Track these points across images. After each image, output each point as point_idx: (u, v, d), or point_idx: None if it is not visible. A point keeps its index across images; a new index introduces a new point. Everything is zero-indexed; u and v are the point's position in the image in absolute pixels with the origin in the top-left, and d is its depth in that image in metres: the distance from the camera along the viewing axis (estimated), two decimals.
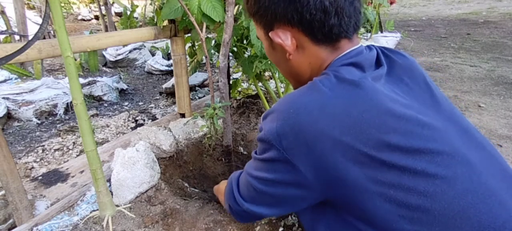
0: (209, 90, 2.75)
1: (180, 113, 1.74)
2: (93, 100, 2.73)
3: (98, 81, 2.81)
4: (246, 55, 1.59)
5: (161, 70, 3.58)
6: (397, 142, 0.50)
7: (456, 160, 0.51)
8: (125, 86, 3.04)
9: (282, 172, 0.56)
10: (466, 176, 0.50)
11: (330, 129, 0.51)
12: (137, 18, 5.77)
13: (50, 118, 2.40)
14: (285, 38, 0.61)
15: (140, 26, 5.30)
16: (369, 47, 0.66)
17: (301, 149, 0.52)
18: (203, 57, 1.67)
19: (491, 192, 0.50)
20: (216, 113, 1.22)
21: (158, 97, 2.94)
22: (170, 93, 2.80)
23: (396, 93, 0.57)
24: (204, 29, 1.26)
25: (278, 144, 0.54)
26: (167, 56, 3.94)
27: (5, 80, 2.86)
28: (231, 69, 2.60)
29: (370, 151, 0.50)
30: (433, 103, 0.61)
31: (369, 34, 4.48)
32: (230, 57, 2.27)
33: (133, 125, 2.26)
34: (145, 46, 4.10)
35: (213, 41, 1.57)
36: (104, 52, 3.85)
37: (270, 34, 0.62)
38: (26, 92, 2.45)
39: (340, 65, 0.58)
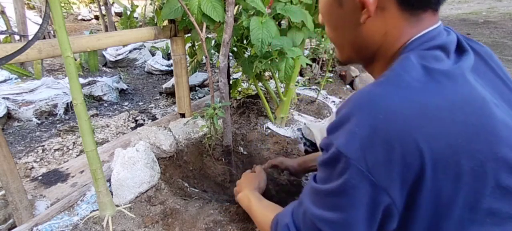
0: (209, 90, 2.75)
1: (180, 114, 1.74)
2: (93, 100, 2.73)
3: (98, 81, 2.81)
4: (246, 55, 1.59)
5: (161, 70, 3.59)
6: (504, 156, 0.39)
7: None
8: (125, 86, 3.04)
9: (366, 203, 0.41)
10: None
11: (433, 138, 0.38)
12: (137, 18, 5.77)
13: (50, 118, 2.40)
14: None
15: (140, 26, 5.30)
16: (445, 28, 0.53)
17: (394, 167, 0.39)
18: (203, 57, 1.67)
19: None
20: (216, 114, 1.22)
21: (158, 97, 2.94)
22: (170, 93, 2.80)
23: (487, 90, 0.45)
24: (204, 29, 1.26)
25: (361, 162, 0.40)
26: (167, 56, 3.94)
27: (5, 80, 2.86)
28: (231, 69, 2.60)
29: (479, 167, 0.39)
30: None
31: None
32: (230, 57, 2.27)
33: (133, 125, 2.26)
34: (145, 46, 4.10)
35: (213, 41, 1.57)
36: (104, 52, 3.85)
37: None
38: (26, 92, 2.45)
39: (424, 48, 0.46)
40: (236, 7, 1.42)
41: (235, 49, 1.56)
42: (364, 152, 0.40)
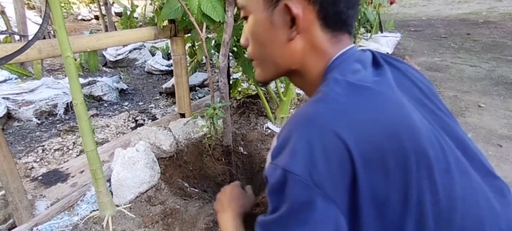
0: (209, 90, 2.75)
1: (180, 114, 1.74)
2: (93, 100, 2.73)
3: (98, 81, 2.81)
4: (246, 55, 1.59)
5: (161, 70, 3.59)
6: (423, 148, 0.45)
7: (460, 169, 0.49)
8: (125, 86, 3.04)
9: (320, 220, 0.42)
10: (467, 186, 0.49)
11: (361, 141, 0.42)
12: (137, 18, 5.77)
13: (50, 118, 2.40)
14: (298, 12, 0.52)
15: (140, 26, 5.30)
16: (362, 49, 0.61)
17: (335, 177, 0.42)
18: (203, 57, 1.67)
19: (484, 198, 0.50)
20: (216, 114, 1.22)
21: (158, 97, 2.94)
22: (170, 93, 2.80)
23: (405, 98, 0.52)
24: (204, 29, 1.26)
25: (307, 178, 0.41)
26: (167, 56, 3.94)
27: (5, 80, 2.86)
28: (231, 69, 2.60)
29: (400, 162, 0.44)
30: (434, 111, 0.56)
31: (369, 34, 4.48)
32: (230, 57, 2.27)
33: (133, 125, 2.26)
34: (145, 46, 4.10)
35: (213, 41, 1.57)
36: (104, 52, 3.85)
37: (286, 2, 0.52)
38: (26, 92, 2.45)
39: (345, 65, 0.52)
40: (236, 7, 1.42)
41: (235, 49, 1.56)
42: (308, 168, 0.42)
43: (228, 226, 0.76)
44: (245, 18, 0.60)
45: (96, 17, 7.34)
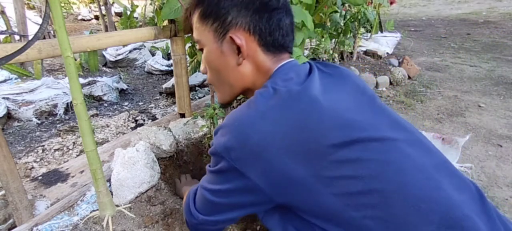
0: (209, 90, 2.75)
1: (180, 114, 1.74)
2: (93, 100, 2.73)
3: (98, 81, 2.81)
4: None
5: (161, 70, 3.58)
6: (333, 137, 0.55)
7: (387, 145, 0.57)
8: (125, 86, 3.04)
9: (234, 181, 0.61)
10: (397, 157, 0.56)
11: (272, 136, 0.56)
12: (137, 18, 5.77)
13: (50, 118, 2.40)
14: (242, 42, 0.66)
15: (140, 26, 5.30)
16: (304, 62, 0.74)
17: (249, 159, 0.57)
18: None
19: (420, 169, 0.56)
20: (216, 114, 1.22)
21: (158, 97, 2.94)
22: (170, 93, 2.80)
23: (330, 94, 0.63)
24: None
25: (227, 156, 0.59)
26: (167, 56, 3.94)
27: (5, 80, 2.86)
28: None
29: (310, 148, 0.55)
30: (366, 101, 0.67)
31: (369, 34, 4.48)
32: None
33: (133, 125, 2.26)
34: (145, 46, 4.10)
35: None
36: (104, 52, 3.85)
37: (231, 35, 0.66)
38: (26, 92, 2.45)
39: (278, 76, 0.66)
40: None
41: None
42: (228, 150, 0.59)
43: (185, 194, 0.96)
44: (201, 50, 0.74)
45: (96, 17, 7.34)
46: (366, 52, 3.90)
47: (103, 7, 4.61)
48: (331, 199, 0.55)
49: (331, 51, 2.34)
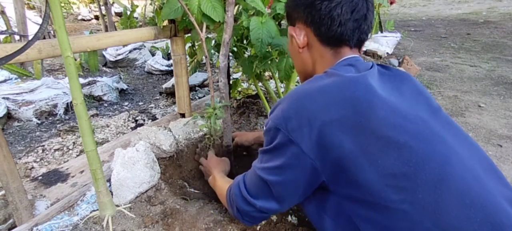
0: (209, 90, 2.75)
1: (180, 114, 1.74)
2: (93, 100, 2.73)
3: (98, 81, 2.81)
4: (246, 55, 1.59)
5: (161, 70, 3.58)
6: (384, 117, 0.58)
7: (435, 138, 0.58)
8: (125, 86, 3.04)
9: (288, 155, 0.63)
10: (444, 152, 0.56)
11: (326, 109, 0.60)
12: (137, 18, 5.77)
13: (50, 118, 2.40)
14: (299, 33, 0.76)
15: (140, 26, 5.30)
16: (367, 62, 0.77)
17: (304, 129, 0.61)
18: (203, 57, 1.67)
19: (467, 168, 0.56)
20: (216, 114, 1.21)
21: (158, 97, 2.94)
22: (170, 93, 2.80)
23: (386, 87, 0.66)
24: (204, 29, 1.26)
25: (284, 128, 0.63)
26: (167, 56, 3.94)
27: (5, 80, 2.86)
28: (231, 69, 2.60)
29: (361, 122, 0.58)
30: (423, 100, 0.69)
31: (369, 34, 4.47)
32: (230, 57, 2.27)
33: (133, 125, 2.26)
34: (145, 46, 4.10)
35: (213, 41, 1.57)
36: (104, 52, 3.84)
37: (289, 28, 0.78)
38: (26, 92, 2.45)
39: (338, 66, 0.71)
40: (236, 7, 1.42)
41: (235, 49, 1.56)
42: (286, 120, 0.63)
43: (217, 180, 1.05)
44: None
45: (96, 17, 7.33)
46: (366, 52, 3.90)
47: (103, 7, 4.61)
48: (373, 177, 0.56)
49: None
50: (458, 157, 0.57)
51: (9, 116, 2.32)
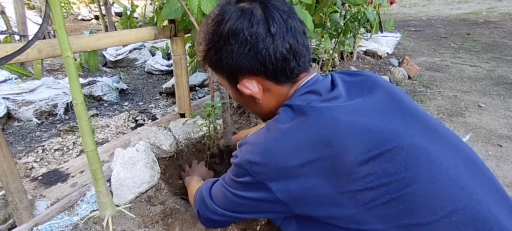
0: (209, 90, 2.75)
1: (180, 114, 1.74)
2: (93, 100, 2.73)
3: (98, 81, 2.81)
4: None
5: (161, 70, 3.58)
6: (358, 154, 0.54)
7: (415, 154, 0.54)
8: (125, 86, 3.04)
9: (256, 192, 0.63)
10: (426, 168, 0.54)
11: (295, 153, 0.57)
12: (137, 18, 5.77)
13: (50, 118, 2.40)
14: (252, 87, 0.68)
15: (140, 26, 5.30)
16: (326, 75, 0.74)
17: (272, 174, 0.59)
18: None
19: (452, 180, 0.54)
20: (216, 113, 1.21)
21: (158, 97, 2.94)
22: (170, 93, 2.80)
23: (354, 105, 0.62)
24: None
25: (251, 171, 0.61)
26: (167, 56, 3.94)
27: (5, 80, 2.86)
28: None
29: (334, 165, 0.54)
30: (396, 107, 0.64)
31: (369, 34, 4.48)
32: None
33: (133, 125, 2.26)
34: (145, 46, 4.10)
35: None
36: (104, 52, 3.84)
37: (238, 87, 0.69)
38: (26, 92, 2.45)
39: (298, 95, 0.66)
40: None
41: None
42: (252, 165, 0.61)
43: (192, 180, 1.08)
44: None
45: (96, 17, 7.33)
46: (366, 52, 3.90)
47: (103, 7, 4.60)
48: (356, 212, 0.54)
49: (331, 51, 2.34)
50: (442, 167, 0.54)
51: (9, 116, 2.32)
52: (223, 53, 0.65)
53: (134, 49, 3.92)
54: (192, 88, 2.89)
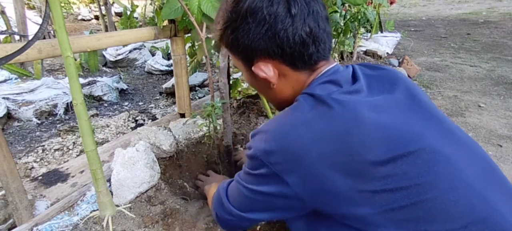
0: (209, 90, 2.75)
1: (180, 114, 1.74)
2: (93, 100, 2.73)
3: (98, 81, 2.81)
4: None
5: (161, 70, 3.58)
6: (377, 153, 0.52)
7: (436, 159, 0.53)
8: (125, 86, 3.04)
9: (272, 185, 0.60)
10: (447, 174, 0.52)
11: (314, 145, 0.55)
12: (137, 18, 5.77)
13: (50, 118, 2.40)
14: (268, 70, 0.65)
15: (140, 26, 5.30)
16: (346, 66, 0.70)
17: (288, 165, 0.57)
18: (203, 57, 1.67)
19: (472, 188, 0.52)
20: (216, 113, 1.21)
21: (158, 97, 2.94)
22: (170, 93, 2.80)
23: (376, 102, 0.60)
24: (204, 29, 1.26)
25: (267, 161, 0.58)
26: (167, 56, 3.94)
27: (5, 80, 2.86)
28: (231, 69, 2.60)
29: (352, 162, 0.53)
30: (417, 106, 0.62)
31: (369, 34, 4.48)
32: (230, 57, 2.27)
33: (133, 125, 2.26)
34: (145, 46, 4.10)
35: (213, 41, 1.57)
36: (104, 52, 3.84)
37: (253, 69, 0.65)
38: (26, 92, 2.45)
39: (318, 84, 0.63)
40: None
41: None
42: (268, 155, 0.58)
43: (211, 188, 1.01)
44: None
45: (96, 17, 7.33)
46: (366, 52, 3.90)
47: (103, 7, 4.60)
48: (372, 213, 0.53)
49: (331, 51, 2.34)
50: (461, 174, 0.53)
51: (9, 116, 2.32)
52: (239, 32, 0.62)
53: (134, 49, 3.92)
54: (192, 88, 2.89)
